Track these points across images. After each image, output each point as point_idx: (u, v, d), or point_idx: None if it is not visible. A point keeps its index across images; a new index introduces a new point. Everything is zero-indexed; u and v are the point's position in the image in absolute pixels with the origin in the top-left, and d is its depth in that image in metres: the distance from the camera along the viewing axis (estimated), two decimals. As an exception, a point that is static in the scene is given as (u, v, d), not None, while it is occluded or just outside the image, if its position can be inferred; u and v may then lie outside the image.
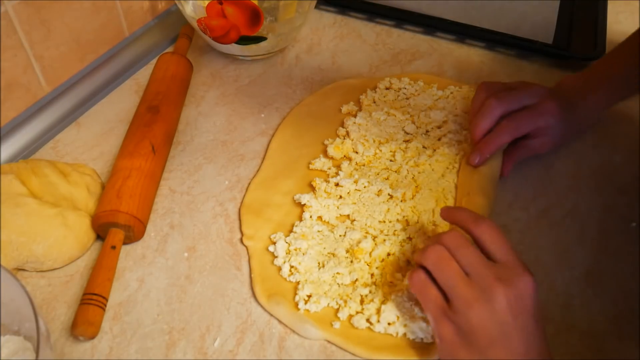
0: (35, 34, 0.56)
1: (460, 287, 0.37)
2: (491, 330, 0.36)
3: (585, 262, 0.49)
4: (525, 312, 0.36)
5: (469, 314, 0.36)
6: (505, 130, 0.53)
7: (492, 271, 0.37)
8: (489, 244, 0.39)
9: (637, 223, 0.52)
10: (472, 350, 0.36)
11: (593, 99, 0.56)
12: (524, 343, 0.36)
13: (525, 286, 0.37)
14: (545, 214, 0.53)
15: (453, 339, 0.37)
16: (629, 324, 0.44)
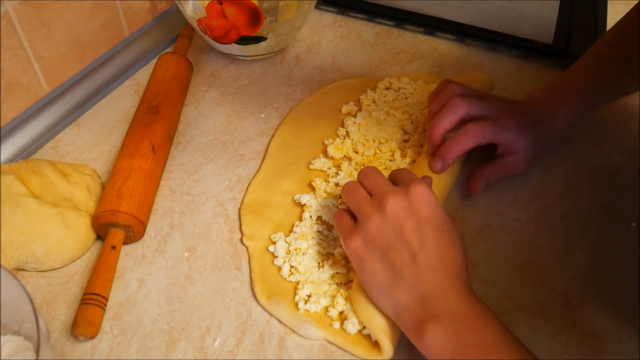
0: (35, 34, 0.56)
1: (363, 205, 0.42)
2: (388, 235, 0.39)
3: (585, 262, 0.49)
4: (417, 216, 0.40)
5: (368, 224, 0.40)
6: (471, 135, 0.50)
7: (389, 189, 0.41)
8: (396, 178, 0.44)
9: (637, 223, 0.52)
10: (375, 257, 0.40)
11: (562, 111, 0.54)
12: (418, 243, 0.39)
13: (416, 193, 0.40)
14: (545, 214, 0.53)
15: (359, 250, 0.40)
16: (629, 324, 0.44)
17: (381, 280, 0.39)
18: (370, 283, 0.40)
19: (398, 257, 0.39)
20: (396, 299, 0.39)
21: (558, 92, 0.56)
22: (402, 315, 0.38)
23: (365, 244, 0.40)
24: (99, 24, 0.64)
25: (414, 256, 0.39)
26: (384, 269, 0.39)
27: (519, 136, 0.52)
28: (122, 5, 0.67)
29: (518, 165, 0.53)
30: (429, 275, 0.38)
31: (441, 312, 0.37)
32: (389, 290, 0.39)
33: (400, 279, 0.38)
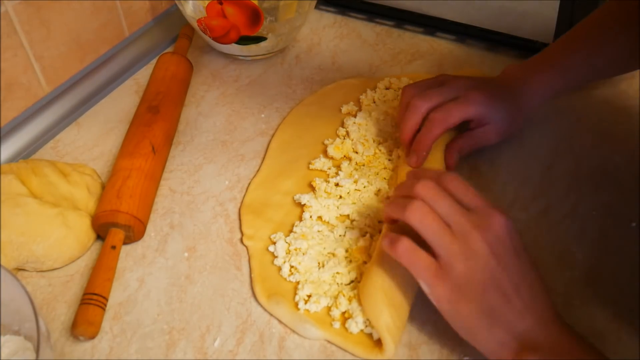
0: (35, 34, 0.56)
1: (446, 242, 0.38)
2: (480, 277, 0.37)
3: (585, 262, 0.49)
4: (505, 252, 0.38)
5: (458, 267, 0.37)
6: (435, 123, 0.51)
7: (468, 219, 0.38)
8: (458, 194, 0.40)
9: (637, 223, 0.52)
10: (468, 301, 0.37)
11: (534, 85, 0.55)
12: (511, 281, 0.37)
13: (500, 226, 0.38)
14: (545, 214, 0.53)
15: (450, 296, 0.38)
16: (629, 324, 0.44)
17: (478, 322, 0.38)
18: (465, 324, 0.38)
19: (495, 298, 0.37)
20: (495, 338, 0.37)
21: (533, 66, 0.56)
22: (500, 353, 0.37)
23: (455, 289, 0.38)
24: (99, 24, 0.64)
25: (509, 296, 0.37)
26: (479, 310, 0.37)
27: (487, 108, 0.53)
28: (122, 5, 0.67)
29: (489, 135, 0.54)
30: (526, 312, 0.37)
31: (540, 344, 0.36)
32: (488, 330, 0.37)
33: (497, 318, 0.37)
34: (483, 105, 0.52)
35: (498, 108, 0.53)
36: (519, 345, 0.37)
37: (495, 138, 0.55)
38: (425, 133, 0.52)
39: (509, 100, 0.54)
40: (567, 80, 0.56)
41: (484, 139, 0.55)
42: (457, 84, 0.54)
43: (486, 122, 0.54)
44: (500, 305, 0.37)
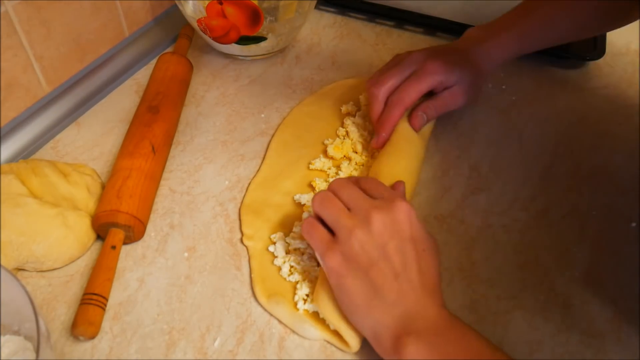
0: (35, 34, 0.56)
1: (342, 218, 0.40)
2: (371, 252, 0.38)
3: (585, 262, 0.49)
4: (401, 234, 0.39)
5: (351, 240, 0.39)
6: (393, 106, 0.53)
7: (370, 203, 0.40)
8: (369, 188, 0.43)
9: (637, 223, 0.52)
10: (356, 274, 0.38)
11: (493, 46, 0.57)
12: (401, 262, 0.38)
13: (400, 211, 0.40)
14: (545, 214, 0.53)
15: (339, 266, 0.39)
16: (629, 324, 0.44)
17: (361, 299, 0.38)
18: (349, 301, 0.39)
19: (380, 276, 0.38)
20: (375, 318, 0.38)
21: (493, 28, 0.58)
22: (381, 334, 0.38)
23: (346, 261, 0.39)
24: (99, 24, 0.64)
25: (396, 275, 0.38)
26: (363, 287, 0.38)
27: (447, 73, 0.54)
28: (122, 5, 0.67)
29: (456, 97, 0.55)
30: (409, 294, 0.38)
31: (421, 328, 0.37)
32: (368, 310, 0.38)
33: (380, 298, 0.38)
34: (440, 73, 0.54)
35: (457, 71, 0.55)
36: (398, 326, 0.37)
37: (462, 100, 0.56)
38: (385, 116, 0.54)
39: (467, 62, 0.55)
40: (527, 42, 0.58)
41: (451, 102, 0.56)
42: (412, 58, 0.55)
43: (449, 85, 0.55)
44: (383, 283, 0.38)
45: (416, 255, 0.39)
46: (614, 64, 0.71)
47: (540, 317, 0.45)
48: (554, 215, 0.53)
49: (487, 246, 0.50)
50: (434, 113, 0.55)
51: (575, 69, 0.70)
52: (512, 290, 0.47)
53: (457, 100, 0.56)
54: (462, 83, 0.55)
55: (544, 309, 0.45)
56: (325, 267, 0.40)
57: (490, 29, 0.58)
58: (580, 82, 0.68)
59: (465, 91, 0.55)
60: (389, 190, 0.43)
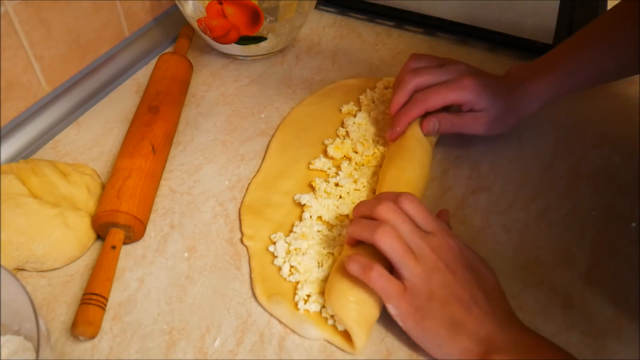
0: (35, 34, 0.56)
1: (411, 265, 0.40)
2: (441, 293, 0.40)
3: (585, 262, 0.49)
4: (461, 268, 0.41)
5: (421, 286, 0.40)
6: (415, 103, 0.53)
7: (426, 242, 0.41)
8: (417, 217, 0.43)
9: (637, 223, 0.52)
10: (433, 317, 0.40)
11: (536, 85, 0.55)
12: (468, 292, 0.40)
13: (451, 244, 0.42)
14: (545, 214, 0.53)
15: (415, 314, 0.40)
16: (629, 324, 0.44)
17: (443, 334, 0.40)
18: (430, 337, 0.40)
19: (456, 309, 0.40)
20: (460, 346, 0.39)
21: (538, 66, 0.56)
22: (465, 355, 0.39)
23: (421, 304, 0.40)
24: (99, 24, 0.64)
25: (468, 306, 0.40)
26: (444, 323, 0.40)
27: (479, 95, 0.53)
28: (122, 5, 0.67)
29: (477, 123, 0.54)
30: (485, 319, 0.39)
31: (503, 346, 0.38)
32: (453, 340, 0.39)
33: (460, 328, 0.39)
34: (471, 92, 0.53)
35: (489, 99, 0.53)
36: (483, 349, 0.38)
37: (482, 128, 0.54)
38: (405, 111, 0.54)
39: (504, 95, 0.54)
40: (571, 82, 0.56)
41: (471, 125, 0.55)
42: (455, 68, 0.55)
43: (478, 108, 0.54)
44: (461, 315, 0.39)
45: (480, 282, 0.41)
46: (614, 64, 0.71)
47: (540, 317, 0.45)
48: (554, 215, 0.53)
49: (487, 246, 0.50)
50: (448, 127, 0.54)
51: (575, 69, 0.69)
52: (512, 290, 0.47)
53: (477, 126, 0.54)
54: (489, 112, 0.54)
55: (544, 309, 0.45)
56: (400, 314, 0.41)
57: (534, 67, 0.56)
58: (580, 82, 0.68)
59: (490, 121, 0.54)
60: (434, 220, 0.43)
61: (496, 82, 0.55)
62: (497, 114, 0.54)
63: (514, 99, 0.55)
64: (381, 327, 0.43)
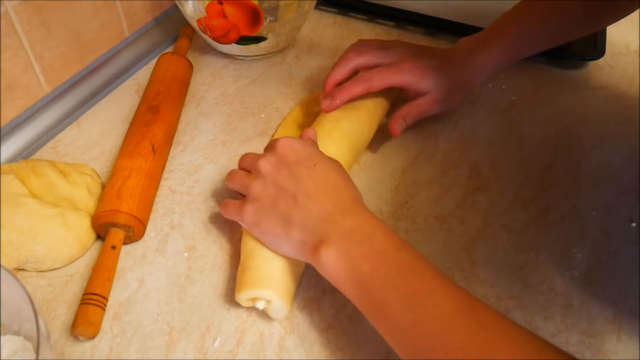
0: (35, 34, 0.56)
1: (243, 180, 0.45)
2: (269, 192, 0.43)
3: (585, 262, 0.49)
4: (286, 164, 0.43)
5: (252, 192, 0.44)
6: (360, 81, 0.54)
7: (258, 155, 0.45)
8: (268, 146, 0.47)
9: (637, 223, 0.52)
10: (267, 216, 0.42)
11: (483, 57, 0.57)
12: (294, 185, 0.42)
13: (280, 146, 0.44)
14: (545, 214, 0.53)
15: (253, 217, 0.43)
16: (629, 324, 0.44)
17: (279, 230, 0.42)
18: (273, 238, 0.42)
19: (283, 205, 0.42)
20: (294, 239, 0.41)
21: (483, 38, 0.58)
22: (302, 250, 0.41)
23: (255, 209, 0.43)
24: (99, 24, 0.64)
25: (294, 198, 0.41)
26: (277, 221, 0.42)
27: (421, 77, 0.55)
28: (122, 5, 0.67)
29: (430, 104, 0.56)
30: (312, 208, 0.41)
31: (330, 235, 0.39)
32: (288, 236, 0.41)
33: (291, 222, 0.41)
34: (413, 75, 0.55)
35: (432, 80, 0.55)
36: (314, 239, 0.40)
37: (435, 107, 0.56)
38: (348, 86, 0.54)
39: (450, 72, 0.56)
40: (517, 50, 0.58)
41: (426, 109, 0.56)
42: (398, 50, 0.56)
43: (424, 91, 0.55)
44: (288, 210, 0.41)
45: (307, 173, 0.43)
46: (614, 64, 0.71)
47: (540, 317, 0.45)
48: (554, 215, 0.53)
49: (487, 246, 0.50)
50: (411, 119, 0.56)
51: (575, 69, 0.70)
52: (512, 290, 0.47)
53: (430, 107, 0.56)
54: (437, 92, 0.55)
55: (544, 309, 0.45)
56: (246, 225, 0.44)
57: (480, 40, 0.58)
58: (580, 82, 0.68)
59: (440, 100, 0.56)
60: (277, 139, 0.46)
61: (440, 61, 0.56)
62: (445, 92, 0.56)
63: (461, 74, 0.56)
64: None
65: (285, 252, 0.42)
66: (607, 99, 0.65)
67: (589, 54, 0.69)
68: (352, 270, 0.37)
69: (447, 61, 0.56)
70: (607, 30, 0.73)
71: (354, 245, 0.38)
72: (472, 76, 0.57)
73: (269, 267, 0.43)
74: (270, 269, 0.43)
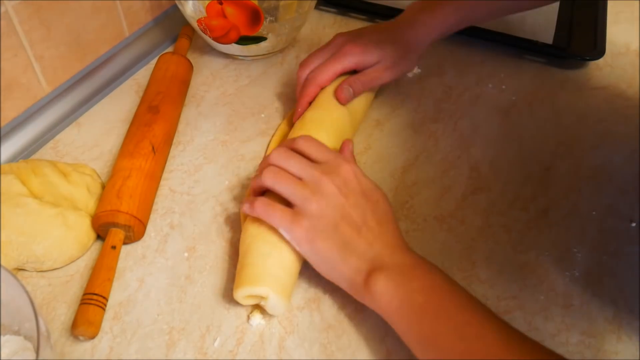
0: (35, 34, 0.56)
1: (298, 190, 0.43)
2: (331, 214, 0.42)
3: (585, 262, 0.49)
4: (353, 192, 0.43)
5: (312, 207, 0.42)
6: (308, 83, 0.57)
7: (318, 169, 0.44)
8: (310, 152, 0.46)
9: (637, 223, 0.52)
10: (324, 236, 0.42)
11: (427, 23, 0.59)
12: (360, 215, 0.42)
13: (347, 172, 0.44)
14: (545, 214, 0.53)
15: (307, 233, 0.42)
16: (629, 324, 0.44)
17: (335, 253, 0.42)
18: (325, 260, 0.42)
19: (346, 231, 0.42)
20: (350, 266, 0.41)
21: (428, 4, 0.60)
22: (355, 278, 0.41)
23: (313, 226, 0.42)
24: (99, 24, 0.64)
25: (358, 228, 0.42)
26: (334, 244, 0.42)
27: (364, 54, 0.57)
28: (122, 5, 0.67)
29: (379, 72, 0.58)
30: (375, 242, 0.42)
31: (386, 265, 0.40)
32: (344, 260, 0.41)
33: (352, 249, 0.41)
34: (356, 54, 0.57)
35: (377, 52, 0.57)
36: (371, 267, 0.41)
37: (387, 75, 0.58)
38: (302, 92, 0.57)
39: (392, 40, 0.58)
40: (463, 13, 0.59)
41: (376, 77, 0.58)
42: (335, 42, 0.59)
43: (370, 64, 0.57)
44: (351, 237, 0.42)
45: (371, 207, 0.43)
46: (614, 64, 0.71)
47: (540, 317, 0.45)
48: (554, 215, 0.53)
49: (487, 246, 0.50)
50: (360, 87, 0.57)
51: (575, 69, 0.70)
52: (512, 290, 0.47)
53: (382, 76, 0.58)
54: (385, 61, 0.57)
55: (544, 309, 0.45)
56: (294, 238, 0.43)
57: (426, 5, 0.60)
58: (580, 82, 0.68)
59: (389, 67, 0.58)
60: (328, 151, 0.46)
61: (379, 34, 0.58)
62: (394, 58, 0.58)
63: (408, 36, 0.58)
64: (381, 327, 0.43)
65: (335, 276, 0.42)
66: (607, 99, 0.65)
67: (589, 54, 0.69)
68: (406, 300, 0.39)
69: (389, 31, 0.59)
70: (607, 30, 0.73)
71: (411, 278, 0.40)
72: (419, 36, 0.59)
73: (265, 263, 0.43)
74: (266, 265, 0.43)
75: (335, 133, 0.54)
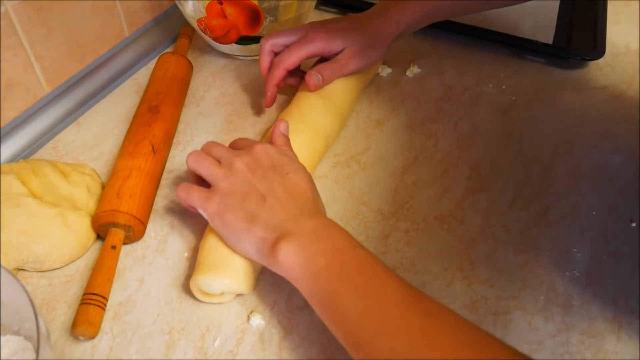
0: (35, 34, 0.56)
1: (213, 169, 0.46)
2: (240, 188, 0.44)
3: (585, 262, 0.49)
4: (262, 167, 0.45)
5: (222, 184, 0.44)
6: (275, 66, 0.58)
7: (234, 153, 0.46)
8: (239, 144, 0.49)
9: (637, 223, 0.52)
10: (233, 209, 0.43)
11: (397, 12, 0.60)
12: (267, 187, 0.44)
13: (258, 150, 0.46)
14: (545, 214, 0.53)
15: (218, 208, 0.44)
16: (629, 324, 0.44)
17: (241, 224, 0.42)
18: (233, 231, 0.43)
19: (252, 203, 0.43)
20: (255, 235, 0.42)
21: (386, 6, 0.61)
22: (261, 247, 0.42)
23: (222, 201, 0.44)
24: (99, 24, 0.64)
25: (263, 198, 0.43)
26: (241, 216, 0.43)
27: (329, 40, 0.57)
28: (122, 5, 0.67)
29: (347, 59, 0.58)
30: (279, 210, 0.42)
31: (291, 232, 0.41)
32: (249, 231, 0.42)
33: (256, 219, 0.42)
34: (321, 40, 0.57)
35: (343, 39, 0.58)
36: (277, 236, 0.41)
37: (356, 62, 0.58)
38: (269, 76, 0.59)
39: (359, 28, 0.59)
40: (432, 7, 0.60)
41: (346, 64, 0.58)
42: (306, 26, 0.59)
43: (336, 51, 0.58)
44: (256, 208, 0.43)
45: (280, 179, 0.44)
46: (614, 64, 0.71)
47: (540, 317, 0.45)
48: (554, 215, 0.53)
49: (487, 246, 0.50)
50: (329, 74, 0.57)
51: (575, 69, 0.70)
52: (512, 290, 0.47)
53: (350, 63, 0.58)
54: (351, 47, 0.58)
55: (544, 309, 0.45)
56: (208, 215, 0.44)
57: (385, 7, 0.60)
58: (580, 82, 0.68)
59: (356, 54, 0.58)
60: (252, 141, 0.49)
61: (348, 22, 0.59)
62: (360, 46, 0.58)
63: (376, 27, 0.59)
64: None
65: (243, 247, 0.43)
66: (607, 99, 0.65)
67: (589, 54, 0.69)
68: (308, 263, 0.39)
69: (357, 19, 0.59)
70: (607, 30, 0.73)
71: (313, 242, 0.40)
72: (387, 28, 0.59)
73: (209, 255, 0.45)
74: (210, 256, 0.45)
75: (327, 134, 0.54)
